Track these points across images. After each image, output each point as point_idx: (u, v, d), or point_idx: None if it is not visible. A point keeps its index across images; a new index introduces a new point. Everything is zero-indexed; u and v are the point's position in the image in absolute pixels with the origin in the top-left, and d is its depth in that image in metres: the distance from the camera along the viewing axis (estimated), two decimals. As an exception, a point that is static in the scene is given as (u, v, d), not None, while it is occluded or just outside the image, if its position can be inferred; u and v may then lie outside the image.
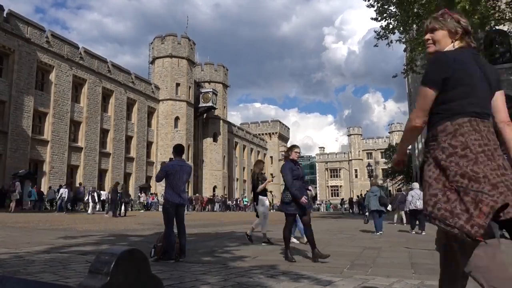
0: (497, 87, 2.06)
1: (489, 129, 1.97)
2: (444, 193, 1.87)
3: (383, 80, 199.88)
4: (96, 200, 24.91)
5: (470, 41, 2.09)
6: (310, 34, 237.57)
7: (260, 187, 8.49)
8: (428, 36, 2.16)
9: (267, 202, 8.73)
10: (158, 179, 6.32)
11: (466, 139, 1.90)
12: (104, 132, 37.60)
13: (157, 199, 34.84)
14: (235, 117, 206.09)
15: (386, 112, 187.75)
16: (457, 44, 2.07)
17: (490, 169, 1.84)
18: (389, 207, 16.02)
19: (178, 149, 6.45)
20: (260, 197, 8.52)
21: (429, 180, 1.94)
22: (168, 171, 6.12)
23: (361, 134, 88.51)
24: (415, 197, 12.40)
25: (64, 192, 23.95)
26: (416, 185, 13.25)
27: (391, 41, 19.37)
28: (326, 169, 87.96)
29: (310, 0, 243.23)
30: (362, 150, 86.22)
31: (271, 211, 19.26)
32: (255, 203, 8.90)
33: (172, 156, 6.48)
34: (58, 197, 24.53)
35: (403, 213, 16.90)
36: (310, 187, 11.53)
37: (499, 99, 2.06)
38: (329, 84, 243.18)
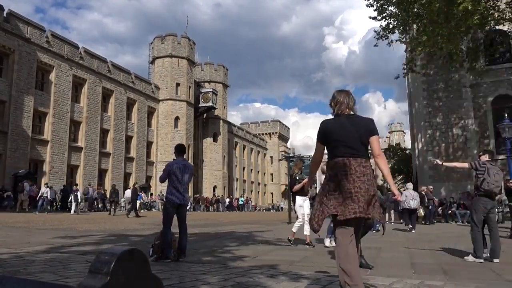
0: (370, 135, 3.24)
1: (360, 164, 3.13)
2: (321, 197, 3.28)
3: (384, 80, 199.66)
4: (79, 200, 24.44)
5: (343, 109, 3.34)
6: (310, 34, 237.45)
7: (296, 187, 8.25)
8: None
9: (306, 203, 8.28)
10: (162, 180, 6.35)
11: (337, 169, 3.15)
12: (104, 132, 37.56)
13: (162, 199, 34.77)
14: (235, 117, 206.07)
15: (387, 112, 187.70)
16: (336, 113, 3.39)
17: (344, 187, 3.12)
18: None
19: (179, 149, 6.46)
20: (297, 197, 8.25)
21: (320, 189, 3.47)
22: (170, 170, 6.14)
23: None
24: (409, 197, 12.78)
25: (46, 191, 22.75)
26: (410, 185, 13.95)
27: (391, 41, 19.34)
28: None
29: (310, 0, 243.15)
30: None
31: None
32: (293, 203, 8.76)
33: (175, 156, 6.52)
34: (39, 196, 23.17)
35: (392, 211, 17.69)
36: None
37: (373, 142, 3.25)
38: (329, 84, 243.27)
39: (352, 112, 3.38)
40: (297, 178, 8.36)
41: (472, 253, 6.26)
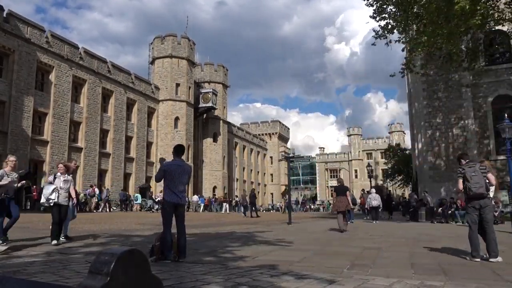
0: (347, 190, 13.69)
1: (341, 197, 13.09)
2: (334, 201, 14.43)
3: (385, 80, 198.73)
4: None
5: (339, 182, 14.28)
6: (312, 35, 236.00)
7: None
8: None
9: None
10: (157, 180, 6.28)
11: (337, 199, 13.47)
12: (104, 132, 37.54)
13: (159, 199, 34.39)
14: (235, 117, 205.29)
15: (388, 112, 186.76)
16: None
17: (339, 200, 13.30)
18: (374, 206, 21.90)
19: (178, 150, 6.44)
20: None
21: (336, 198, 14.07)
22: (166, 170, 6.12)
23: (361, 134, 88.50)
24: (372, 198, 19.23)
25: (122, 194, 24.63)
26: (373, 190, 20.36)
27: (390, 41, 19.32)
28: (326, 169, 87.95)
29: (311, 0, 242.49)
30: (362, 151, 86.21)
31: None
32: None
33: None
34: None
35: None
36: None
37: (347, 193, 13.56)
38: (331, 85, 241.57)
39: (341, 183, 13.69)
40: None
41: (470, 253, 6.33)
